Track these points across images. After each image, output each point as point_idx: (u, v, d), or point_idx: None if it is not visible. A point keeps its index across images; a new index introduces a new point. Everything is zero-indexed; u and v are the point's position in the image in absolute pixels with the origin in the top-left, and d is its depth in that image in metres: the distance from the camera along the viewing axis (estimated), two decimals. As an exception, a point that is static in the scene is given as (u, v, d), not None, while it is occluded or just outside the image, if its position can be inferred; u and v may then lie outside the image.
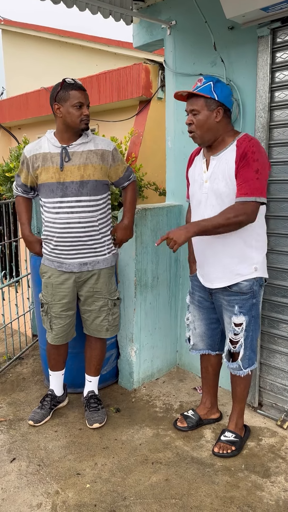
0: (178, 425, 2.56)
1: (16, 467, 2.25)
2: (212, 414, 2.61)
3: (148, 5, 3.13)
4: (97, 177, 2.38)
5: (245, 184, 2.03)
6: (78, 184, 2.34)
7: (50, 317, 2.55)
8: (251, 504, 2.00)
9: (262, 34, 2.43)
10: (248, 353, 2.27)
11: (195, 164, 2.32)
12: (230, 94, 2.14)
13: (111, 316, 2.59)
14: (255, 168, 2.02)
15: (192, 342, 2.53)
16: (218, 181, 2.13)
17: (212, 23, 2.70)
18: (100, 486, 2.12)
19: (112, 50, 6.83)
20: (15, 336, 3.90)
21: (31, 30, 8.42)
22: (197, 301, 2.44)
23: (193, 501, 2.02)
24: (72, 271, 2.46)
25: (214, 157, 2.17)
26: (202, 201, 2.23)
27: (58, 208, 2.37)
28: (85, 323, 2.62)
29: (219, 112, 2.10)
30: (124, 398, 2.94)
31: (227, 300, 2.25)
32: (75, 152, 2.35)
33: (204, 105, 2.11)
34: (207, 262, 2.28)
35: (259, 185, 2.03)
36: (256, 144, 2.06)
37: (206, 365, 2.57)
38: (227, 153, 2.12)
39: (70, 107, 2.28)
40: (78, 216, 2.37)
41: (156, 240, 2.98)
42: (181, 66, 2.99)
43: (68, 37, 7.68)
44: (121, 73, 5.00)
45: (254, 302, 2.23)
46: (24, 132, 7.13)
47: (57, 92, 2.29)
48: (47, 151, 2.37)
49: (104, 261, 2.50)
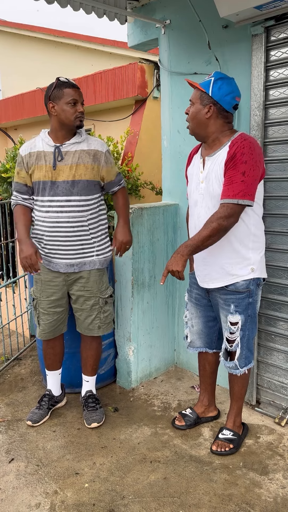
0: (176, 423, 2.56)
1: (14, 468, 2.25)
2: (210, 412, 2.62)
3: (143, 4, 3.13)
4: (89, 177, 2.38)
5: (229, 186, 2.02)
6: (69, 183, 2.35)
7: (38, 312, 2.56)
8: (249, 502, 2.01)
9: (256, 33, 2.44)
10: (245, 352, 2.27)
11: (193, 163, 2.31)
12: (229, 94, 2.08)
13: (103, 314, 2.59)
14: (241, 171, 2.00)
15: (189, 340, 2.53)
16: (213, 183, 2.13)
17: (206, 22, 2.71)
18: (98, 485, 2.13)
19: (107, 50, 6.83)
20: (12, 336, 3.90)
21: (26, 31, 8.41)
22: (195, 298, 2.45)
23: (192, 499, 2.03)
24: (58, 270, 2.46)
25: (209, 158, 2.16)
26: (198, 201, 2.23)
27: (48, 206, 2.37)
28: (77, 322, 2.63)
29: (210, 109, 2.09)
30: (122, 397, 2.94)
31: (223, 298, 2.25)
32: (68, 152, 2.36)
33: (198, 98, 2.11)
34: (203, 263, 2.28)
35: (243, 187, 2.00)
36: (248, 145, 2.03)
37: (203, 363, 2.57)
38: (221, 153, 2.10)
39: (64, 105, 2.29)
40: (67, 215, 2.37)
41: (152, 242, 2.99)
42: (176, 65, 2.99)
43: (63, 37, 7.67)
44: (116, 73, 4.99)
45: (250, 301, 2.22)
46: (20, 133, 7.12)
47: (52, 91, 2.31)
48: (41, 150, 2.38)
49: (91, 263, 2.49)
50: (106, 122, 5.36)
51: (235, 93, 2.10)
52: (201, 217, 2.20)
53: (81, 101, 2.35)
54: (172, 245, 3.14)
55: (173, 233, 3.14)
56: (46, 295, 2.51)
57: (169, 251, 3.12)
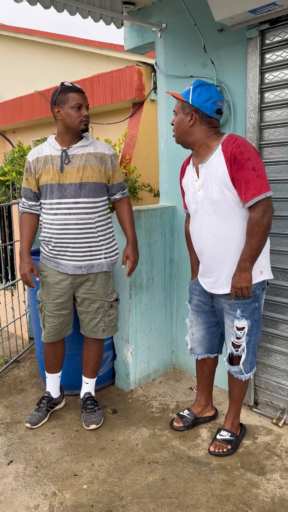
0: (175, 425, 2.56)
1: (13, 470, 2.26)
2: (207, 411, 2.62)
3: (139, 8, 3.15)
4: (96, 179, 2.40)
5: (248, 185, 2.00)
6: (77, 186, 2.37)
7: (43, 315, 2.57)
8: (247, 502, 2.02)
9: (251, 36, 2.46)
10: (250, 357, 2.27)
11: (187, 173, 2.30)
12: (209, 100, 2.07)
13: (108, 318, 2.60)
14: (251, 167, 2.00)
15: (189, 347, 2.53)
16: (211, 189, 2.11)
17: (202, 25, 2.73)
18: (97, 486, 2.14)
19: (104, 53, 6.86)
20: (11, 339, 3.91)
21: (24, 34, 8.44)
22: (195, 305, 2.43)
23: (190, 499, 2.04)
24: (67, 272, 2.47)
25: (203, 165, 2.14)
26: (198, 210, 2.21)
27: (56, 209, 2.39)
28: (82, 324, 2.64)
29: (192, 117, 2.09)
30: (121, 399, 2.95)
31: (229, 304, 2.23)
32: (75, 155, 2.39)
33: (180, 108, 2.12)
34: (211, 270, 2.24)
35: (261, 180, 2.01)
36: (242, 144, 2.03)
37: (201, 365, 2.57)
38: (214, 158, 2.09)
39: (69, 109, 2.32)
40: (75, 217, 2.39)
41: (150, 244, 3.00)
42: (172, 68, 3.01)
43: (61, 41, 7.70)
44: (114, 76, 5.02)
45: (256, 306, 2.21)
46: (18, 136, 7.14)
47: (57, 96, 2.34)
48: (48, 154, 2.41)
49: (99, 266, 2.51)
50: (104, 125, 5.38)
51: (215, 98, 2.09)
52: (203, 225, 2.18)
53: (86, 105, 2.37)
54: (169, 247, 3.16)
55: (170, 235, 3.15)
56: (52, 297, 2.52)
57: (166, 253, 3.14)
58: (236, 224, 2.11)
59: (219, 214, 2.12)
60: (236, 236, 2.12)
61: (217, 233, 2.15)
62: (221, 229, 2.13)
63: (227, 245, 2.14)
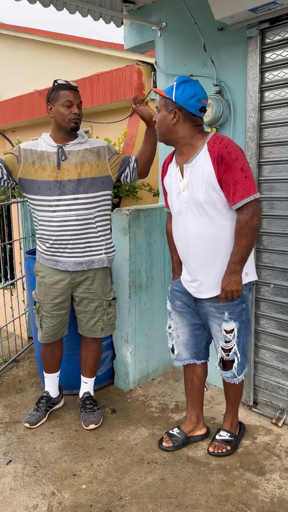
0: (164, 445, 2.39)
1: (12, 469, 2.26)
2: (198, 429, 2.47)
3: (139, 7, 3.14)
4: (94, 174, 2.39)
5: (237, 186, 1.96)
6: (75, 182, 2.36)
7: (41, 315, 2.56)
8: (246, 502, 2.01)
9: (251, 35, 2.45)
10: (241, 359, 2.23)
11: (170, 172, 2.22)
12: (193, 97, 1.99)
13: (106, 316, 2.60)
14: (239, 168, 1.95)
15: (176, 352, 2.40)
16: (197, 189, 2.04)
17: (202, 24, 2.72)
18: (96, 486, 2.13)
19: (104, 52, 6.85)
20: (10, 338, 3.90)
21: (23, 33, 8.43)
22: (179, 306, 2.34)
23: (189, 499, 2.04)
24: (67, 269, 2.46)
25: (188, 165, 2.07)
26: (182, 211, 2.13)
27: (55, 206, 2.38)
28: (80, 324, 2.63)
29: (175, 115, 2.01)
30: (120, 398, 2.95)
31: (215, 307, 2.17)
32: (72, 151, 2.38)
33: (163, 105, 2.05)
34: (196, 273, 2.18)
35: (249, 182, 1.97)
36: (229, 144, 1.98)
37: (191, 376, 2.43)
38: (200, 158, 2.02)
39: (60, 106, 2.32)
40: (75, 213, 2.38)
41: (149, 244, 2.99)
42: (172, 67, 3.01)
43: (60, 40, 7.70)
44: (113, 75, 5.01)
45: (243, 307, 2.18)
46: (18, 135, 7.13)
47: (50, 93, 2.35)
48: (44, 150, 2.39)
49: (100, 261, 2.50)
50: (103, 124, 5.37)
51: (199, 95, 2.01)
52: (188, 226, 2.12)
53: (77, 103, 2.35)
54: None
55: (170, 235, 3.15)
56: (50, 298, 2.51)
57: (166, 252, 3.13)
58: (222, 226, 2.05)
59: (205, 216, 2.06)
60: (222, 238, 2.07)
61: (203, 236, 2.08)
62: (207, 231, 2.07)
63: (213, 247, 2.09)
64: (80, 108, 2.38)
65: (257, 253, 2.63)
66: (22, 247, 3.72)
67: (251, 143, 2.54)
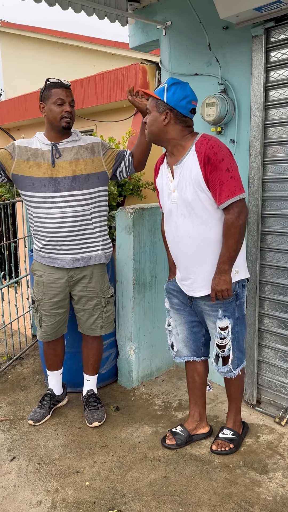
0: (167, 443, 2.41)
1: (16, 466, 2.27)
2: (201, 428, 2.48)
3: (144, 6, 3.14)
4: (89, 170, 2.40)
5: (222, 187, 1.99)
6: (70, 179, 2.37)
7: (40, 314, 2.57)
8: (249, 500, 2.02)
9: (256, 34, 2.45)
10: (236, 354, 2.24)
11: (161, 173, 2.25)
12: (184, 99, 2.02)
13: (105, 314, 2.61)
14: (225, 168, 1.98)
15: (175, 349, 2.43)
16: (186, 190, 2.07)
17: (207, 23, 2.72)
18: (99, 483, 2.14)
19: (109, 51, 6.85)
20: (15, 336, 3.92)
21: (28, 32, 8.45)
22: (176, 304, 2.37)
23: (192, 497, 2.04)
24: (64, 267, 2.47)
25: (177, 166, 2.10)
26: (173, 211, 2.17)
27: (50, 203, 2.38)
28: (79, 322, 2.64)
29: (167, 116, 2.03)
30: (124, 396, 2.96)
31: (209, 305, 2.20)
32: (66, 148, 2.39)
33: (155, 106, 2.06)
34: (188, 272, 2.21)
35: (235, 182, 2.00)
36: (216, 145, 1.99)
37: (192, 374, 2.45)
38: (188, 159, 2.05)
39: (52, 105, 2.33)
40: (71, 210, 2.38)
41: (153, 242, 3.00)
42: (177, 66, 3.01)
43: (65, 38, 7.70)
44: (118, 74, 5.01)
45: (237, 304, 2.19)
46: (22, 133, 7.15)
47: (42, 92, 2.36)
48: (38, 147, 2.40)
49: (96, 257, 2.50)
50: (108, 123, 5.38)
51: (190, 97, 2.04)
52: (179, 226, 2.15)
53: (69, 101, 2.35)
54: (173, 245, 3.16)
55: (174, 234, 3.15)
56: (49, 297, 2.52)
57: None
58: (211, 226, 2.08)
59: (194, 216, 2.09)
60: (212, 237, 2.09)
61: (193, 235, 2.11)
62: (196, 230, 2.10)
63: (203, 247, 2.11)
64: (72, 107, 2.37)
65: (261, 252, 2.63)
66: (27, 245, 3.73)
67: (255, 142, 2.54)
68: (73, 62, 7.67)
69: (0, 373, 3.30)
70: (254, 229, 2.61)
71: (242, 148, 2.69)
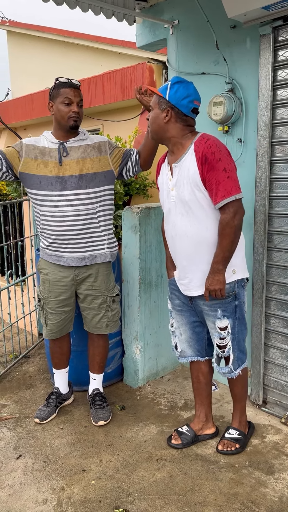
0: (173, 442, 2.40)
1: (22, 464, 2.28)
2: (207, 428, 2.47)
3: (151, 5, 3.14)
4: (96, 169, 2.41)
5: (218, 187, 1.99)
6: (77, 177, 2.37)
7: (45, 312, 2.58)
8: (255, 501, 2.01)
9: (264, 33, 2.44)
10: (237, 354, 2.24)
11: (162, 172, 2.27)
12: (186, 98, 2.03)
13: (110, 313, 2.61)
14: (221, 168, 1.98)
15: (179, 349, 2.43)
16: (183, 189, 2.08)
17: (214, 22, 2.71)
18: (105, 482, 2.15)
19: (116, 50, 6.85)
20: (21, 335, 3.94)
21: (35, 31, 8.46)
22: (177, 305, 2.37)
23: (197, 497, 2.04)
24: (70, 265, 2.47)
25: (176, 164, 2.11)
26: (171, 209, 2.18)
27: (57, 201, 2.39)
28: (85, 320, 2.65)
29: (168, 113, 2.04)
30: (129, 396, 2.96)
31: (208, 305, 2.19)
32: (73, 147, 2.39)
33: (157, 103, 2.08)
34: (184, 271, 2.22)
35: (232, 182, 2.00)
36: (214, 144, 2.00)
37: (197, 374, 2.45)
38: (187, 158, 2.06)
39: (60, 104, 2.34)
40: (77, 209, 2.39)
41: (159, 242, 3.00)
42: (184, 65, 3.00)
43: (72, 38, 7.70)
44: (125, 73, 5.02)
45: (237, 304, 2.18)
46: (29, 133, 7.17)
47: (51, 91, 2.37)
48: (46, 146, 2.41)
49: (102, 256, 2.51)
50: (114, 122, 5.38)
51: (192, 96, 2.04)
52: (177, 225, 2.16)
53: (77, 101, 2.35)
54: (179, 244, 3.15)
55: (180, 233, 3.14)
56: (55, 295, 2.53)
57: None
58: (208, 225, 2.08)
59: (192, 215, 2.09)
60: (208, 237, 2.09)
61: (190, 234, 2.12)
62: (193, 230, 2.10)
63: (200, 246, 2.11)
64: (80, 107, 2.38)
65: (267, 251, 2.62)
66: (33, 244, 3.75)
67: (263, 141, 2.53)
68: (80, 61, 7.67)
69: (6, 371, 3.31)
70: (261, 229, 2.61)
71: (249, 147, 2.68)
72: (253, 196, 2.66)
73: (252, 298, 2.70)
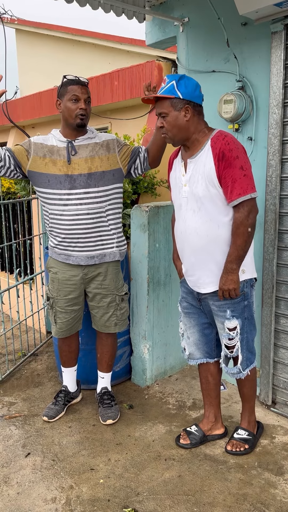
0: (181, 442, 2.39)
1: (31, 462, 2.28)
2: (216, 429, 2.46)
3: (161, 2, 3.12)
4: (105, 167, 2.40)
5: (234, 184, 1.97)
6: (86, 176, 2.37)
7: (55, 311, 2.58)
8: (264, 502, 2.00)
9: (276, 30, 2.42)
10: (245, 355, 2.22)
11: (175, 167, 2.24)
12: (196, 88, 2.03)
13: (119, 311, 2.61)
14: (238, 166, 1.96)
15: (187, 352, 2.42)
16: (197, 185, 2.06)
17: (225, 19, 2.69)
18: (113, 481, 2.14)
19: (125, 48, 6.84)
20: (29, 333, 3.95)
21: (44, 29, 8.48)
22: (185, 307, 2.36)
23: (206, 497, 2.03)
24: (79, 264, 2.47)
25: (191, 160, 2.09)
26: (182, 205, 2.16)
27: (66, 200, 2.38)
28: (94, 319, 2.65)
29: (188, 111, 2.02)
30: (137, 394, 2.95)
31: (217, 305, 2.18)
32: (81, 146, 2.39)
33: (170, 106, 2.02)
34: (193, 268, 2.20)
35: (248, 180, 1.98)
36: (232, 141, 1.99)
37: (205, 374, 2.44)
38: (203, 154, 2.04)
39: (67, 101, 2.33)
40: (87, 207, 2.38)
41: (168, 241, 2.98)
42: (194, 63, 2.98)
43: (81, 36, 7.71)
44: (133, 71, 5.00)
45: (246, 304, 2.17)
46: (38, 131, 7.18)
47: (59, 89, 2.36)
48: (54, 144, 2.40)
49: (111, 255, 2.50)
50: (123, 120, 5.37)
51: (198, 85, 2.06)
52: (187, 221, 2.14)
53: (84, 98, 2.34)
54: (188, 243, 3.14)
55: (189, 232, 3.13)
56: (64, 294, 2.53)
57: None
58: (220, 224, 2.06)
59: (204, 211, 2.07)
60: (220, 235, 2.07)
61: (200, 231, 2.09)
62: (205, 226, 2.08)
63: (210, 243, 2.09)
64: (88, 104, 2.36)
65: (278, 251, 2.60)
66: (42, 242, 3.75)
67: (274, 140, 2.51)
68: (89, 60, 7.68)
69: (15, 369, 3.32)
70: (271, 228, 2.58)
71: (260, 145, 2.66)
72: (263, 195, 2.64)
73: (262, 298, 2.68)
